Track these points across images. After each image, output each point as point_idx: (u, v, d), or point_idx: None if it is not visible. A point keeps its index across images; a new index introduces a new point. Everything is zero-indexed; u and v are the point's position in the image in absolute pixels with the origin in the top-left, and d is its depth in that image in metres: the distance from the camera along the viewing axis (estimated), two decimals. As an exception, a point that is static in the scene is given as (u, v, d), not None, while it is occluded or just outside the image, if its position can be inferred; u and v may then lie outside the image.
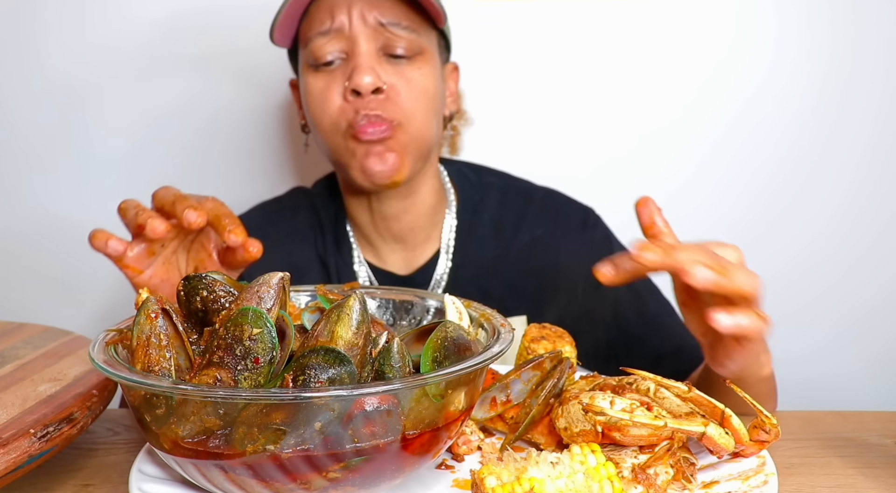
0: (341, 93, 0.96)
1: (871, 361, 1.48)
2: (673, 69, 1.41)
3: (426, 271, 1.06)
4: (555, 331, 0.77)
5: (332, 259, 1.09)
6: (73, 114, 1.42)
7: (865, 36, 1.38)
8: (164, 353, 0.56)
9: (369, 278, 1.07)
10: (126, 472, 0.66)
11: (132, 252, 0.78)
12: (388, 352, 0.57)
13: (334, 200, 1.12)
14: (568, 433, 0.64)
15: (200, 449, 0.53)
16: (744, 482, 0.61)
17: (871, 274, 1.46)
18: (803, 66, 1.40)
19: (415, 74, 0.97)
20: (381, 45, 0.96)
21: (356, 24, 0.95)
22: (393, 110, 0.95)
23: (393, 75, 0.96)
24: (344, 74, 0.96)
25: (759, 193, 1.45)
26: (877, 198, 1.44)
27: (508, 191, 1.10)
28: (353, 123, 0.94)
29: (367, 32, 0.95)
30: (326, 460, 0.52)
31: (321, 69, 0.97)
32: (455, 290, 1.04)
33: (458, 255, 1.06)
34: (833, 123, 1.42)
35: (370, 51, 0.95)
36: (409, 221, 1.05)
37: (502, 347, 0.60)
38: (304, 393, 0.50)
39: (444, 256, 1.06)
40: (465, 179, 1.10)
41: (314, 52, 0.96)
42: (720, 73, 1.41)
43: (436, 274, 1.05)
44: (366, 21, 0.95)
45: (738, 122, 1.42)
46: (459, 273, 1.06)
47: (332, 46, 0.96)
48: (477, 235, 1.07)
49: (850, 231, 1.45)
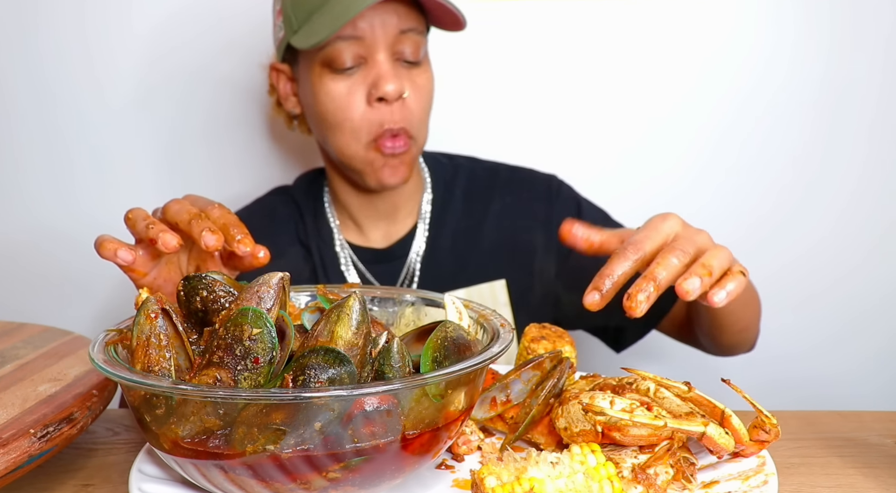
0: (364, 99, 1.00)
1: (871, 360, 1.48)
2: (678, 68, 1.41)
3: (405, 242, 1.13)
4: (555, 331, 0.77)
5: (314, 242, 1.14)
6: (74, 114, 1.43)
7: (866, 36, 1.39)
8: (163, 353, 0.56)
9: (351, 257, 1.13)
10: (126, 472, 0.66)
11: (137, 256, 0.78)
12: (388, 352, 0.56)
13: (313, 190, 1.18)
14: (568, 433, 0.64)
15: (200, 449, 0.52)
16: (744, 482, 0.61)
17: (871, 273, 1.46)
18: (809, 66, 1.40)
19: (421, 79, 1.03)
20: (396, 51, 1.00)
21: (378, 31, 0.97)
22: (411, 119, 1.01)
23: (409, 83, 1.01)
24: (365, 80, 1.00)
25: (760, 192, 1.45)
26: (879, 198, 1.44)
27: (476, 169, 1.19)
28: (378, 135, 1.00)
29: (387, 40, 0.98)
30: (326, 460, 0.52)
31: (339, 73, 1.00)
32: (432, 259, 1.11)
33: (435, 226, 1.13)
34: (836, 123, 1.42)
35: (388, 58, 0.99)
36: (393, 201, 1.12)
37: (502, 347, 0.60)
38: (304, 393, 0.50)
39: (422, 227, 1.13)
40: (438, 162, 1.19)
41: (334, 56, 0.98)
42: (721, 73, 1.41)
43: (414, 244, 1.12)
44: (387, 30, 0.98)
45: (741, 121, 1.42)
46: (436, 243, 1.13)
47: (351, 52, 0.98)
48: (451, 208, 1.14)
49: (852, 231, 1.45)
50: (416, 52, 1.00)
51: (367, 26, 0.97)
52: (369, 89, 0.99)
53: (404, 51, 0.99)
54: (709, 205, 1.44)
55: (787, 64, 1.40)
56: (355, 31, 0.97)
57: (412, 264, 1.12)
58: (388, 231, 1.14)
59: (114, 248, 0.74)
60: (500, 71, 1.42)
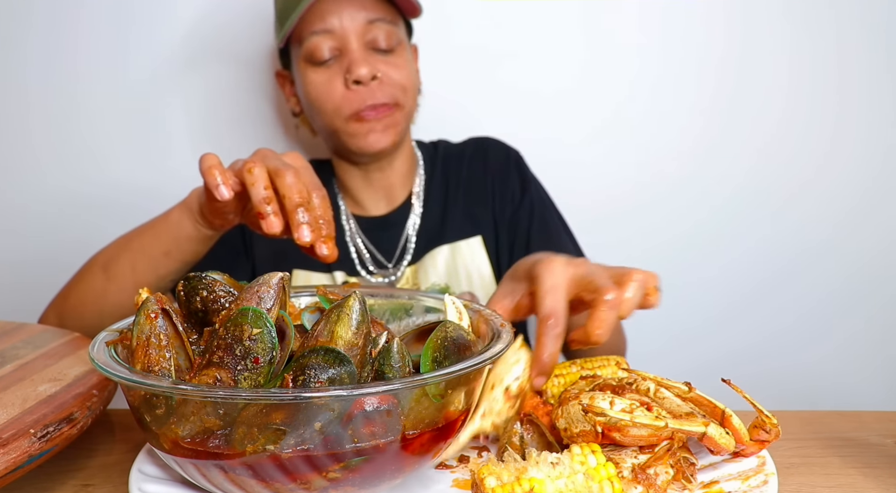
0: (342, 83, 1.10)
1: (871, 360, 1.48)
2: (670, 63, 1.41)
3: (402, 210, 1.24)
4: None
5: None
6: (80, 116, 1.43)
7: (866, 36, 1.39)
8: (163, 353, 0.56)
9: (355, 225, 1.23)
10: (126, 472, 0.66)
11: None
12: (388, 352, 0.56)
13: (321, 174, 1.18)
14: (568, 434, 0.63)
15: (200, 449, 0.52)
16: (744, 482, 0.61)
17: (871, 273, 1.46)
18: (808, 65, 1.40)
19: (399, 61, 1.13)
20: (369, 40, 1.10)
21: (346, 23, 1.08)
22: (391, 94, 1.11)
23: (382, 65, 1.11)
24: (341, 68, 1.10)
25: (759, 192, 1.45)
26: (880, 200, 1.44)
27: (451, 147, 1.31)
28: (359, 110, 1.09)
29: (357, 31, 1.09)
30: (326, 460, 0.52)
31: (319, 65, 1.11)
32: (423, 227, 1.23)
33: (425, 201, 1.25)
34: (837, 122, 1.42)
35: (360, 46, 1.09)
36: (391, 178, 1.23)
37: (502, 347, 0.60)
38: (304, 393, 0.50)
39: (417, 202, 1.24)
40: (424, 146, 1.31)
41: (311, 50, 1.10)
42: (725, 73, 1.41)
43: (411, 216, 1.23)
44: (355, 21, 1.08)
45: (742, 122, 1.43)
46: (426, 213, 1.24)
47: (326, 45, 1.09)
48: (435, 181, 1.26)
49: (853, 232, 1.45)
50: (389, 40, 1.11)
51: (336, 20, 1.08)
52: (344, 75, 1.09)
53: (376, 39, 1.10)
54: (707, 204, 1.45)
55: (786, 63, 1.40)
56: (326, 25, 1.08)
57: (408, 234, 1.23)
58: (388, 204, 1.24)
59: (215, 182, 0.78)
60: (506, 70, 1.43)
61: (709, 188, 1.45)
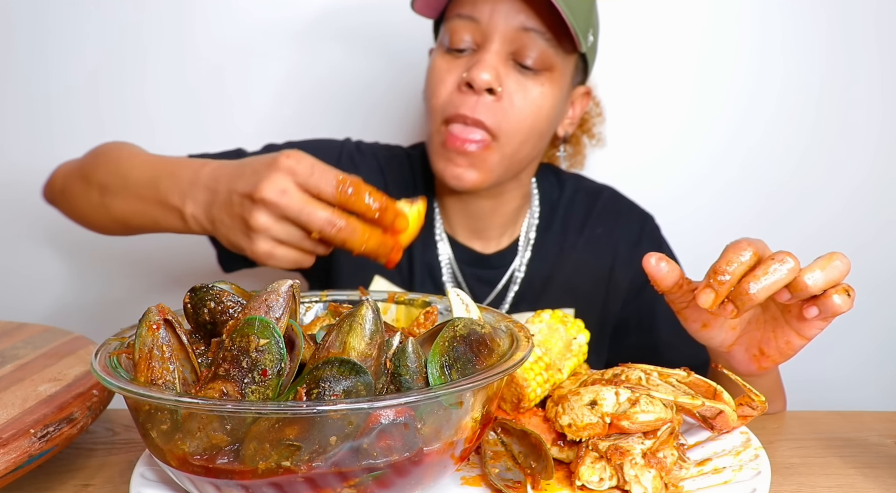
0: (456, 82, 0.91)
1: (871, 360, 1.48)
2: (682, 66, 1.39)
3: (504, 255, 1.06)
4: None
5: None
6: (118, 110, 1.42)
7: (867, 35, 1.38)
8: (167, 366, 0.52)
9: (449, 256, 1.06)
10: (126, 472, 0.65)
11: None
12: (404, 353, 0.53)
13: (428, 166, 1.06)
14: (573, 429, 0.62)
15: (210, 466, 0.49)
16: (735, 457, 0.63)
17: (871, 274, 1.45)
18: (812, 66, 1.39)
19: (535, 90, 0.91)
20: (514, 50, 0.90)
21: (497, 19, 0.89)
22: (498, 120, 0.90)
23: (513, 84, 0.90)
24: (467, 65, 0.91)
25: (759, 192, 1.44)
26: (879, 199, 1.42)
27: (579, 190, 1.11)
28: (452, 116, 0.90)
29: (506, 33, 0.89)
30: (342, 475, 0.49)
31: (451, 53, 0.93)
32: (527, 280, 1.06)
33: (535, 248, 1.07)
34: (838, 123, 1.41)
35: (500, 51, 0.90)
36: (492, 221, 1.04)
37: (525, 353, 0.56)
38: (321, 406, 0.46)
39: (522, 248, 1.07)
40: (546, 181, 1.11)
41: (450, 33, 0.92)
42: (726, 73, 1.40)
43: (514, 263, 1.06)
44: (508, 21, 0.89)
45: (746, 121, 1.40)
46: (532, 264, 1.06)
47: (465, 32, 0.91)
48: (551, 230, 1.08)
49: (851, 231, 1.43)
50: (539, 60, 0.90)
51: (487, 10, 0.89)
52: (462, 73, 0.91)
53: (523, 52, 0.90)
54: (709, 204, 1.44)
55: (791, 63, 1.39)
56: (473, 11, 0.90)
57: (513, 279, 1.06)
58: (483, 244, 1.07)
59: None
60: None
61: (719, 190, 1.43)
